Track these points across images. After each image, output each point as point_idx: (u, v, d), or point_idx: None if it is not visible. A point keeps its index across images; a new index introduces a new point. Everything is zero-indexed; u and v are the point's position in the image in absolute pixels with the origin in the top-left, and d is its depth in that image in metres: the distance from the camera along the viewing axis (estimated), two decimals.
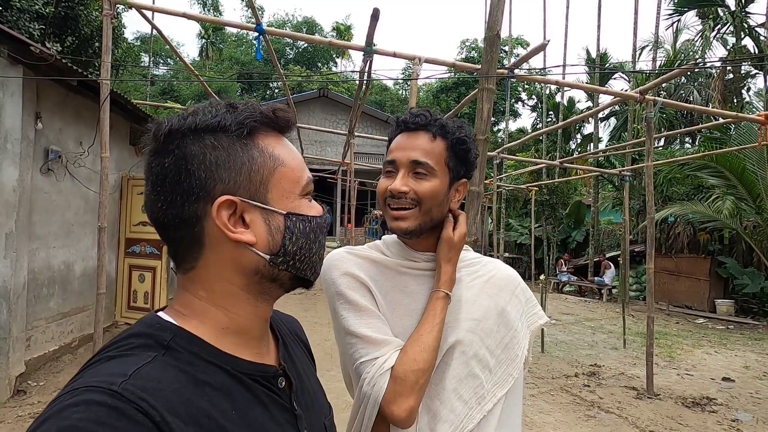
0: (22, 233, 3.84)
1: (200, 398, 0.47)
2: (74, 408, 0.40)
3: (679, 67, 8.14)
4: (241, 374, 0.53)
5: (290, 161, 0.57)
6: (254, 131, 0.55)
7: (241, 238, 0.52)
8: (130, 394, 0.42)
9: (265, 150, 0.55)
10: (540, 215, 14.82)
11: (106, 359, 0.47)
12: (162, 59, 28.32)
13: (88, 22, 9.34)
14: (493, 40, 2.45)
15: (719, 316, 9.20)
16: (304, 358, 0.71)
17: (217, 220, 0.51)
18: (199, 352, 0.51)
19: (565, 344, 6.58)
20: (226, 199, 0.51)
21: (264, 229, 0.54)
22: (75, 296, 4.79)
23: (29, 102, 3.87)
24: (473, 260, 0.99)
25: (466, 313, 0.90)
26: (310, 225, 0.58)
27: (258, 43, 4.32)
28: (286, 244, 0.55)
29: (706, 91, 13.56)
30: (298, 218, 0.56)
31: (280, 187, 0.55)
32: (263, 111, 0.56)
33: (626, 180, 9.80)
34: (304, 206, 0.58)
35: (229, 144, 0.53)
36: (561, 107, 17.44)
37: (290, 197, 0.56)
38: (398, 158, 0.88)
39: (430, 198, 0.86)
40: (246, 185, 0.53)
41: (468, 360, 0.88)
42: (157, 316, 0.54)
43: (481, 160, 2.47)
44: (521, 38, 27.58)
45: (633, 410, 4.13)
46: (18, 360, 3.81)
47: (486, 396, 0.87)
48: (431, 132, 0.89)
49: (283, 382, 0.58)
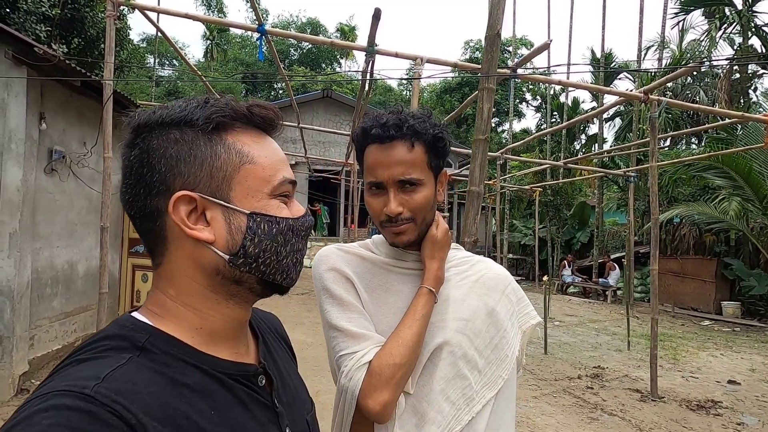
0: (26, 233, 3.87)
1: (178, 400, 0.46)
2: (44, 413, 0.39)
3: (685, 66, 8.09)
4: (219, 374, 0.52)
5: (261, 159, 0.54)
6: (223, 127, 0.53)
7: (199, 236, 0.51)
8: (103, 397, 0.41)
9: (232, 146, 0.53)
10: (544, 216, 14.77)
11: (77, 362, 0.46)
12: (167, 60, 28.50)
13: (93, 24, 9.41)
14: (494, 39, 2.43)
15: (725, 318, 9.11)
16: (285, 355, 0.70)
17: (174, 215, 0.51)
18: (176, 353, 0.50)
19: (569, 346, 6.54)
20: (184, 194, 0.51)
21: (224, 228, 0.52)
22: (78, 296, 4.82)
23: (33, 102, 3.90)
24: (463, 259, 0.98)
25: (454, 313, 0.89)
26: (278, 227, 0.54)
27: (260, 43, 4.33)
28: (246, 244, 0.53)
29: (712, 91, 13.45)
30: (263, 219, 0.54)
31: (244, 185, 0.53)
32: (235, 107, 0.54)
33: (631, 181, 9.75)
34: (273, 207, 0.55)
35: (193, 139, 0.52)
36: (565, 108, 17.36)
37: (257, 196, 0.54)
38: (384, 179, 0.85)
39: (423, 208, 0.87)
40: (207, 181, 0.52)
41: (456, 360, 0.87)
42: (131, 317, 0.52)
43: (482, 160, 2.46)
44: (525, 38, 27.51)
45: (636, 413, 4.10)
46: (21, 359, 3.83)
47: (474, 397, 0.86)
48: (408, 140, 0.85)
49: (264, 380, 0.57)
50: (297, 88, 22.18)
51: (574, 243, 15.11)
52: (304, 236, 0.59)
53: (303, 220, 0.58)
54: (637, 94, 5.22)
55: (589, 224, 15.03)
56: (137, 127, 0.53)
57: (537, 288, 12.04)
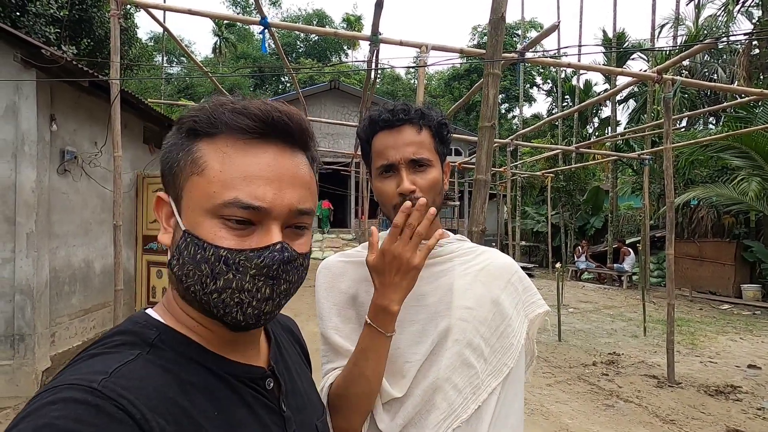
0: (42, 233, 3.95)
1: (183, 398, 0.46)
2: (52, 406, 0.40)
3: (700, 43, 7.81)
4: (226, 375, 0.52)
5: (212, 172, 0.48)
6: (199, 132, 0.50)
7: (159, 237, 0.53)
8: (110, 391, 0.41)
9: (192, 154, 0.50)
10: (557, 202, 14.57)
11: (88, 357, 0.47)
12: (176, 58, 28.66)
13: (101, 24, 9.50)
14: (498, 23, 2.38)
15: (745, 302, 8.93)
16: (298, 359, 0.69)
17: (155, 212, 0.54)
18: (184, 351, 0.50)
19: (583, 332, 6.48)
20: (159, 194, 0.53)
21: (173, 238, 0.52)
22: (95, 293, 4.93)
23: (44, 104, 3.95)
24: (468, 250, 0.97)
25: (458, 301, 0.89)
26: (203, 254, 0.47)
27: (263, 36, 4.31)
28: (172, 262, 0.50)
29: (730, 68, 13.01)
30: (192, 240, 0.48)
31: (190, 196, 0.49)
32: (213, 111, 0.50)
33: (646, 164, 9.53)
34: (207, 229, 0.48)
35: (175, 141, 0.52)
36: (577, 91, 17.02)
37: (196, 212, 0.49)
38: (395, 160, 0.86)
39: (434, 189, 0.87)
40: (172, 185, 0.52)
41: (462, 349, 0.86)
42: (145, 313, 0.53)
43: (488, 147, 2.42)
44: (534, 21, 26.96)
45: (653, 399, 4.05)
46: (43, 355, 3.94)
47: (481, 386, 0.86)
48: (416, 124, 0.88)
49: (272, 384, 0.57)
50: (304, 80, 22.11)
51: (588, 229, 14.90)
52: (255, 275, 0.48)
53: (254, 255, 0.48)
54: (651, 74, 5.07)
55: (603, 209, 14.80)
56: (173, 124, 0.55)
57: (550, 275, 11.93)
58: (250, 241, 0.48)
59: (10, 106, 3.78)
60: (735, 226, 10.14)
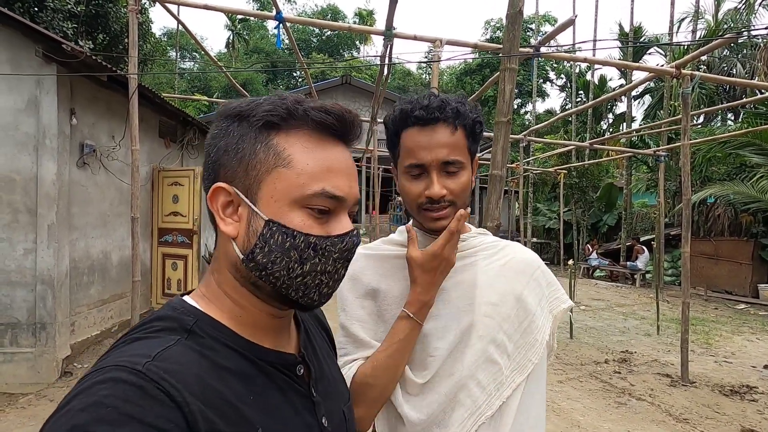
0: (63, 224, 4.04)
1: (219, 382, 0.48)
2: (101, 385, 0.42)
3: (720, 38, 7.63)
4: (260, 361, 0.54)
5: (299, 164, 0.52)
6: (274, 126, 0.52)
7: (223, 228, 0.53)
8: (153, 374, 0.43)
9: (274, 147, 0.52)
10: (569, 199, 14.41)
11: (131, 340, 0.49)
12: (189, 53, 28.87)
13: (117, 19, 9.61)
14: (515, 17, 2.36)
15: (762, 302, 8.76)
16: (325, 345, 0.71)
17: (210, 203, 0.54)
18: (220, 337, 0.52)
19: (595, 330, 6.44)
20: (220, 185, 0.53)
21: (245, 227, 0.53)
22: (113, 284, 5.03)
23: (64, 98, 4.03)
24: (491, 244, 0.96)
25: (481, 297, 0.88)
26: (293, 241, 0.51)
27: (278, 31, 4.34)
28: (255, 251, 0.52)
29: (751, 63, 12.71)
30: (278, 229, 0.51)
31: (272, 188, 0.52)
32: (291, 107, 0.52)
33: (661, 160, 9.38)
34: (296, 218, 0.51)
35: (243, 133, 0.53)
36: (591, 86, 16.77)
37: (280, 202, 0.51)
38: (427, 161, 0.84)
39: (464, 192, 0.87)
40: (242, 178, 0.53)
41: (486, 345, 0.86)
42: (182, 300, 0.55)
43: (504, 143, 2.41)
44: (549, 15, 26.54)
45: (666, 398, 4.02)
46: (64, 344, 4.05)
47: (505, 382, 0.85)
48: (451, 123, 0.84)
49: (302, 370, 0.59)
50: (316, 75, 22.14)
51: (601, 226, 14.71)
52: (337, 258, 0.54)
53: (338, 240, 0.53)
54: (669, 69, 4.98)
55: (616, 206, 14.59)
56: (218, 116, 0.56)
57: (562, 272, 11.84)
58: (330, 228, 0.53)
59: (32, 100, 3.86)
60: (753, 224, 9.94)
